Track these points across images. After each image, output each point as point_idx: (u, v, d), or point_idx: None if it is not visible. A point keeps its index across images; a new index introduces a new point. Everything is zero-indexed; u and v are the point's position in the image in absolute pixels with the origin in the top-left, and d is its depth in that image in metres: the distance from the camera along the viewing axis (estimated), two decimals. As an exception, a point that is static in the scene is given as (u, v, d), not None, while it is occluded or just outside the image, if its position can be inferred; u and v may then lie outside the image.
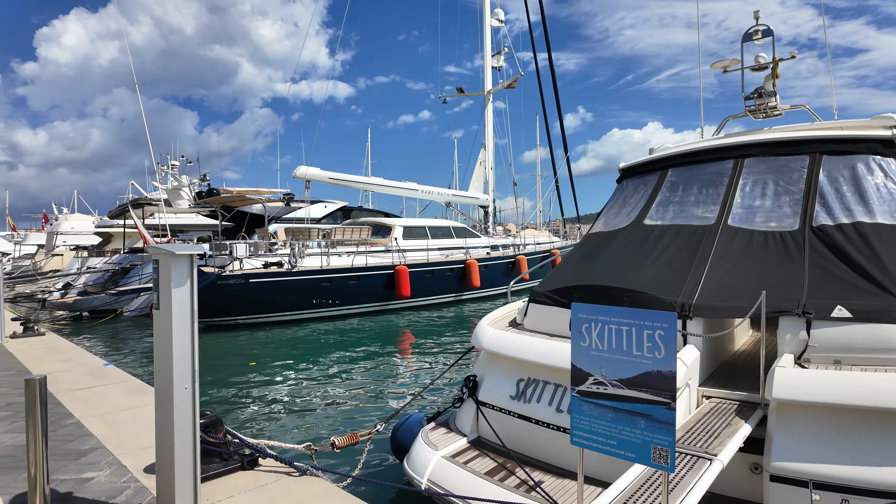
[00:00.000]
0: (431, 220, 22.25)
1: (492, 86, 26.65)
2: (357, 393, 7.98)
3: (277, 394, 8.11)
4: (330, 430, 6.36)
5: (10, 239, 51.65)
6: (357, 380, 8.88)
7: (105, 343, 13.27)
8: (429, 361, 10.18)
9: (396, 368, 9.64)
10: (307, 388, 8.39)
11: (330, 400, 7.69)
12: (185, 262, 2.64)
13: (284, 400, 7.79)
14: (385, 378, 8.96)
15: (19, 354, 7.89)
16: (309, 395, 7.95)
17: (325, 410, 7.22)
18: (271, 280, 15.86)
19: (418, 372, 9.29)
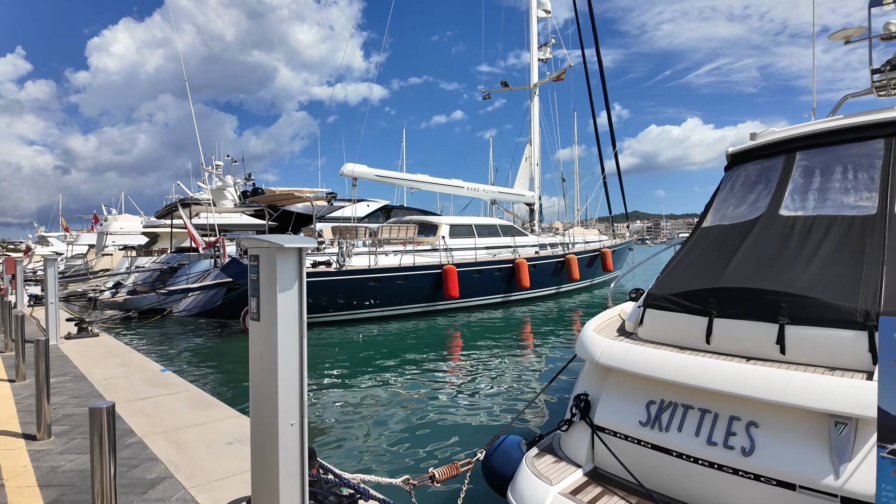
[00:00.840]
0: (478, 219, 21.53)
1: (538, 79, 25.76)
2: (433, 406, 7.34)
3: (345, 409, 7.55)
4: (413, 453, 5.71)
5: (63, 239, 53.61)
6: (428, 390, 8.24)
7: (156, 344, 13.08)
8: (499, 369, 9.45)
9: (467, 377, 8.96)
10: (377, 401, 7.80)
11: (405, 415, 7.06)
12: (292, 258, 2.01)
13: (354, 416, 7.22)
14: (459, 388, 8.29)
15: (74, 357, 7.57)
16: (381, 410, 7.34)
17: (403, 428, 6.57)
18: (320, 280, 15.46)
19: (493, 381, 8.59)
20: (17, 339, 6.05)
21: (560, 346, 11.32)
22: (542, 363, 9.74)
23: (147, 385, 5.82)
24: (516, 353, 10.69)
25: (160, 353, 11.64)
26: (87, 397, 5.34)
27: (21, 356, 6.03)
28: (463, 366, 9.73)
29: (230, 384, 8.53)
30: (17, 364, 6.07)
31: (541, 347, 11.38)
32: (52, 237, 59.37)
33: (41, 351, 4.08)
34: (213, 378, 9.04)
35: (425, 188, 21.30)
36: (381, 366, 9.89)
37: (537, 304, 19.92)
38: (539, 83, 25.60)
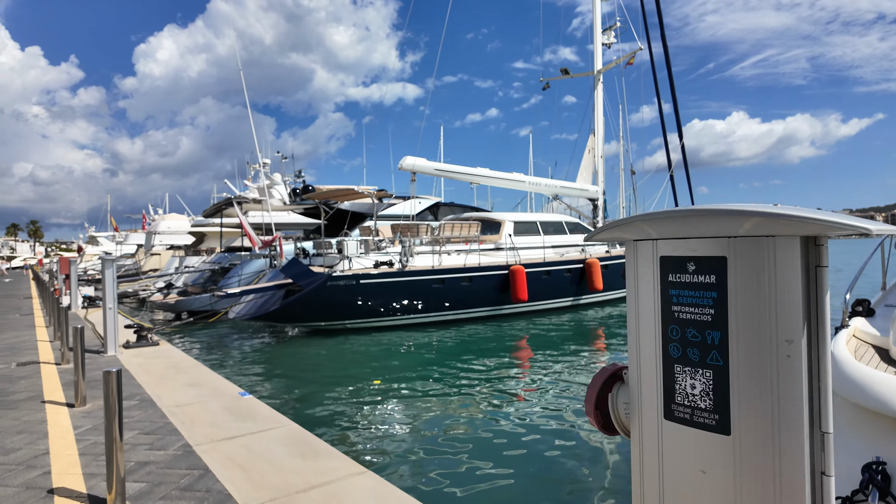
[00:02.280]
0: (543, 215, 20.07)
1: (601, 64, 24.06)
2: (515, 426, 6.02)
3: (427, 432, 6.30)
4: (490, 484, 4.41)
5: (112, 239, 54.70)
6: (523, 412, 6.91)
7: (217, 352, 12.18)
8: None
9: (547, 393, 7.59)
10: (461, 424, 6.53)
11: (481, 434, 5.76)
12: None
13: (439, 441, 5.95)
14: (542, 407, 6.94)
15: (137, 372, 6.56)
16: (470, 437, 6.06)
17: (472, 450, 5.32)
18: (382, 281, 14.34)
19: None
20: (76, 353, 5.01)
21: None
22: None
23: (228, 415, 4.68)
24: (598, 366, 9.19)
25: (216, 361, 10.68)
26: (161, 434, 4.22)
27: (81, 372, 5.00)
28: (540, 379, 8.33)
29: (302, 400, 7.39)
30: (77, 383, 5.03)
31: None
32: (102, 237, 60.83)
33: (112, 387, 2.93)
34: (279, 391, 7.95)
35: (485, 182, 19.98)
36: (450, 380, 8.60)
37: (607, 308, 18.31)
38: (604, 69, 23.90)
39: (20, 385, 6.04)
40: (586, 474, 4.96)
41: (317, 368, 10.21)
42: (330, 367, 10.31)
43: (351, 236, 23.08)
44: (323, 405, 7.41)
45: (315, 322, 14.12)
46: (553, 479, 4.88)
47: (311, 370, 10.04)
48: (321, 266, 14.73)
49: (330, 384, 8.70)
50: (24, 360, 7.64)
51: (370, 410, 7.10)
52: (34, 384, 6.08)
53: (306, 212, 25.48)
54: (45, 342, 9.27)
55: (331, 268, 14.20)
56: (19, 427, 4.49)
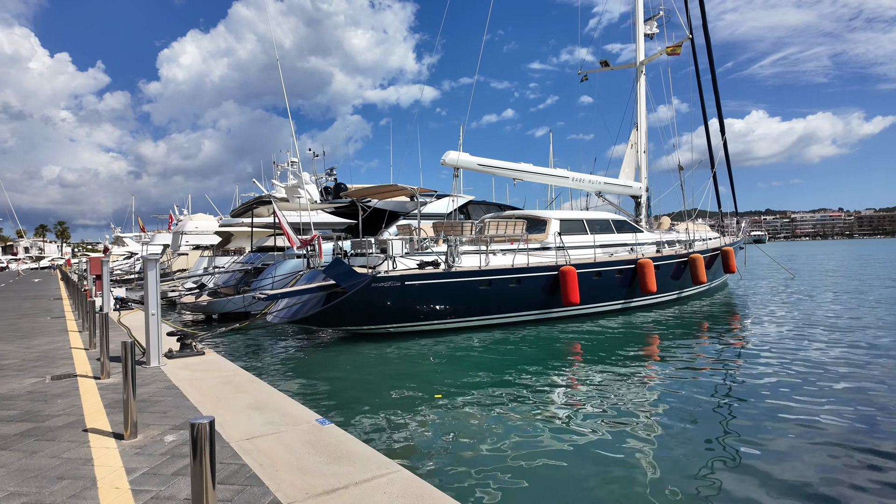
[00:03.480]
0: (589, 213, 18.95)
1: (644, 55, 22.86)
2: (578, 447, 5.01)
3: (508, 456, 5.33)
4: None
5: (138, 240, 54.84)
6: (616, 436, 5.88)
7: (253, 358, 11.36)
8: (656, 401, 6.94)
9: (606, 408, 6.53)
10: (541, 446, 5.53)
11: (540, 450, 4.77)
12: None
13: (524, 466, 4.97)
14: (612, 430, 5.89)
15: (187, 389, 5.71)
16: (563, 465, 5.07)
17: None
18: (428, 282, 13.42)
19: (651, 421, 6.13)
20: (126, 376, 4.15)
21: (721, 372, 8.63)
22: (714, 394, 7.13)
23: (316, 454, 3.76)
24: (673, 379, 8.04)
25: (255, 370, 9.85)
26: (239, 483, 3.32)
27: (131, 393, 4.14)
28: (599, 387, 7.27)
29: (358, 413, 6.46)
30: (127, 411, 4.17)
31: (706, 374, 8.69)
32: (128, 237, 61.16)
33: (202, 444, 2.02)
34: (331, 405, 7.04)
35: (529, 178, 18.95)
36: (519, 392, 7.58)
37: (655, 311, 17.12)
38: (647, 60, 22.71)
39: (57, 406, 5.22)
40: (642, 487, 4.00)
41: (365, 377, 9.31)
42: (378, 375, 9.40)
43: (387, 235, 22.24)
44: (384, 421, 6.49)
45: (358, 326, 13.26)
46: (606, 493, 3.90)
47: (360, 379, 9.15)
48: (361, 266, 13.87)
49: (383, 395, 7.78)
50: (59, 371, 6.86)
51: (436, 426, 6.16)
52: (73, 404, 5.26)
53: (337, 211, 24.69)
54: (80, 350, 8.52)
55: (373, 268, 13.33)
56: (59, 469, 3.63)
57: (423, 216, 24.00)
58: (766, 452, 5.44)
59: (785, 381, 8.17)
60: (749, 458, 5.28)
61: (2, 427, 4.59)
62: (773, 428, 6.15)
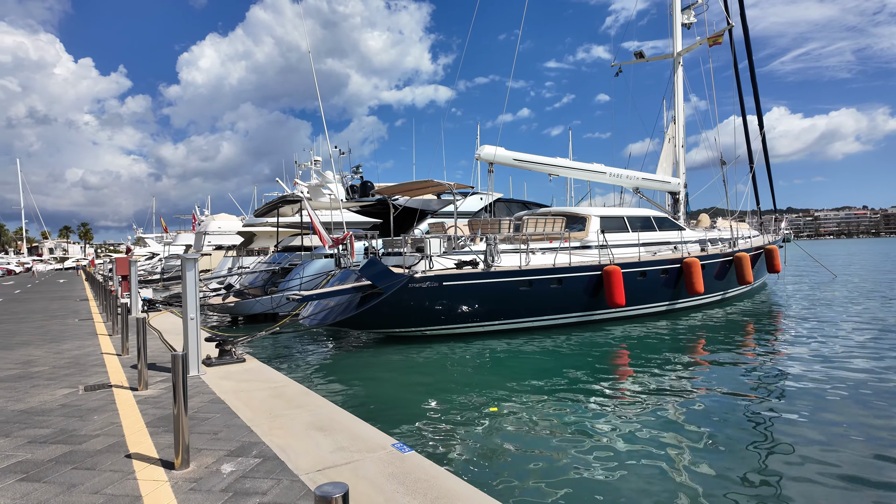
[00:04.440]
0: (629, 210, 18.11)
1: (681, 46, 21.91)
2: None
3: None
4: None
5: (160, 240, 55.10)
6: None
7: (286, 362, 10.79)
8: (714, 413, 6.12)
9: (660, 423, 5.75)
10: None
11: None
12: None
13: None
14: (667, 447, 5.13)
15: (236, 405, 5.10)
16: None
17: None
18: (467, 283, 12.75)
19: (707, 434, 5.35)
20: (179, 397, 3.54)
21: (778, 379, 7.74)
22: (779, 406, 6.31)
23: (410, 496, 3.10)
24: (726, 389, 7.17)
25: (291, 376, 9.26)
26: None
27: (183, 411, 3.53)
28: (653, 395, 6.46)
29: (405, 421, 5.79)
30: (180, 436, 3.55)
31: (766, 381, 7.81)
32: (149, 238, 61.56)
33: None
34: (375, 412, 6.39)
35: (565, 174, 18.16)
36: (562, 390, 6.83)
37: (701, 312, 16.22)
38: (685, 50, 21.75)
39: (94, 423, 4.65)
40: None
41: (408, 384, 8.67)
42: (421, 382, 8.74)
43: (414, 234, 21.63)
44: (443, 440, 5.83)
45: (394, 329, 12.65)
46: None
47: (403, 387, 8.50)
48: (396, 266, 13.24)
49: (434, 407, 7.11)
50: (92, 381, 6.33)
51: (503, 447, 5.47)
52: (111, 422, 4.68)
53: (362, 210, 24.16)
54: (112, 355, 8.01)
55: (409, 268, 12.69)
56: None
57: (449, 215, 23.37)
58: (815, 465, 5.04)
59: (837, 392, 7.44)
60: (796, 472, 4.67)
61: (37, 450, 4.02)
62: (821, 440, 5.67)
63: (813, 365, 9.13)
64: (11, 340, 9.85)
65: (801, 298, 19.12)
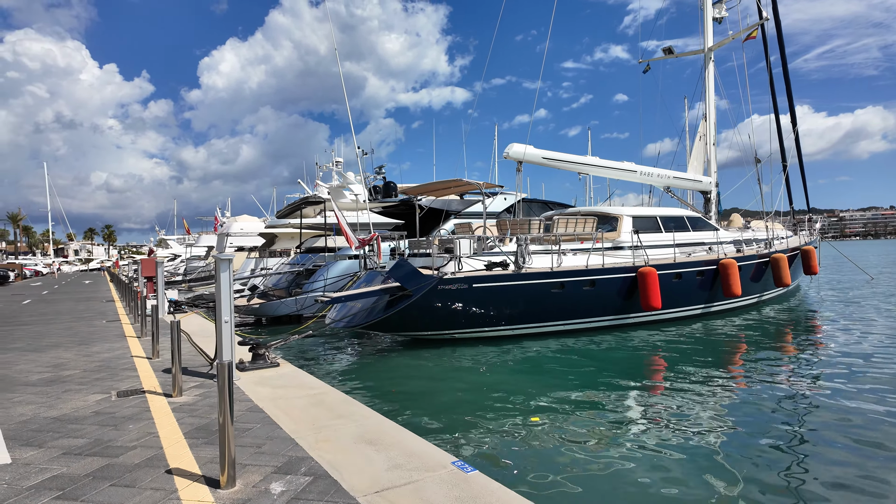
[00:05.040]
0: (662, 209, 17.57)
1: (712, 41, 21.27)
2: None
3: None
4: None
5: (182, 242, 55.68)
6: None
7: (319, 369, 10.54)
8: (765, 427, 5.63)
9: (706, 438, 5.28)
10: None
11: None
12: None
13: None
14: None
15: (276, 414, 4.82)
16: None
17: None
18: (497, 284, 12.38)
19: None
20: (225, 405, 3.25)
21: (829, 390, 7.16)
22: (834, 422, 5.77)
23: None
24: (779, 400, 6.66)
25: (342, 384, 8.98)
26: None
27: (229, 422, 3.23)
28: (695, 404, 5.95)
29: (446, 430, 5.43)
30: (225, 448, 3.26)
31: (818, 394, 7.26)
32: (171, 240, 62.29)
33: None
34: (411, 421, 6.04)
35: (594, 173, 17.70)
36: (605, 399, 6.41)
37: (738, 316, 15.61)
38: (717, 45, 21.10)
39: (129, 433, 4.40)
40: None
41: (442, 390, 8.35)
42: (455, 388, 8.40)
43: (441, 235, 21.34)
44: (490, 453, 5.48)
45: (422, 332, 12.34)
46: None
47: (438, 393, 8.17)
48: (423, 267, 12.92)
49: (472, 416, 6.76)
50: (124, 386, 6.12)
51: (537, 450, 5.09)
52: (147, 431, 4.43)
53: (384, 210, 23.94)
54: (143, 359, 7.83)
55: (438, 270, 12.37)
56: (150, 534, 2.74)
57: (475, 215, 23.02)
58: (853, 480, 4.64)
59: (883, 405, 6.86)
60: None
61: (72, 463, 3.77)
62: (861, 458, 5.22)
63: (848, 375, 8.55)
64: (41, 342, 9.76)
65: (841, 302, 18.34)
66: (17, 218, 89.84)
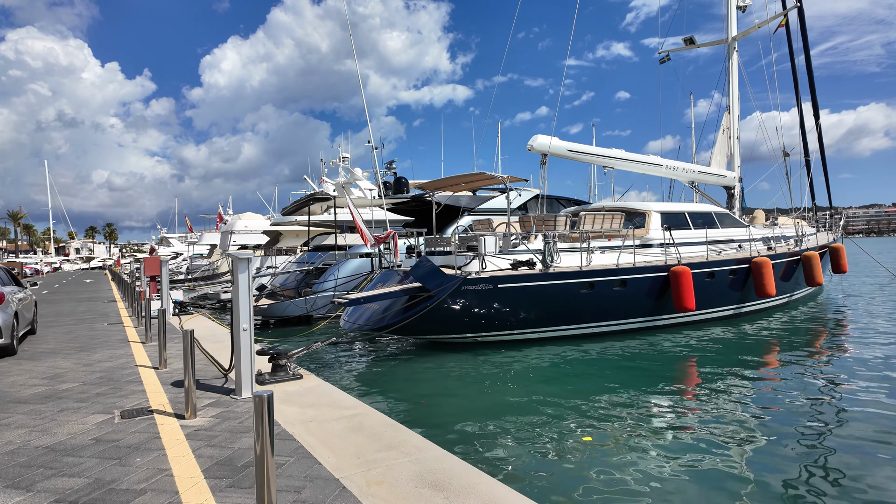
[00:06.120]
0: (690, 205, 16.79)
1: (736, 30, 20.43)
2: None
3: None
4: None
5: (184, 240, 54.93)
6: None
7: (333, 376, 9.77)
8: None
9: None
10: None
11: None
12: None
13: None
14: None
15: (311, 443, 4.05)
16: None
17: None
18: (524, 285, 11.61)
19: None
20: (264, 446, 2.48)
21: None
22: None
23: None
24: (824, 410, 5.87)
25: (331, 381, 8.21)
26: None
27: (270, 463, 2.46)
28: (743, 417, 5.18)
29: (509, 469, 4.67)
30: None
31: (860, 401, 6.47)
32: (173, 238, 61.53)
33: None
34: (445, 437, 5.28)
35: (620, 166, 16.91)
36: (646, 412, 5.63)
37: (768, 317, 14.83)
38: (741, 35, 20.26)
39: (137, 470, 3.64)
40: None
41: (473, 399, 7.59)
42: (488, 399, 7.64)
43: (448, 233, 20.56)
44: (533, 471, 4.72)
45: (443, 335, 11.58)
46: None
47: (469, 404, 7.41)
48: (441, 266, 12.15)
49: (515, 434, 5.99)
50: (129, 404, 5.36)
51: (593, 476, 4.33)
52: (158, 468, 3.66)
53: (395, 207, 23.14)
54: (148, 369, 7.07)
55: (460, 269, 11.61)
56: None
57: (486, 212, 22.23)
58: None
59: None
60: None
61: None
62: None
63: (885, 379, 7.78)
64: (38, 348, 9.01)
65: (867, 302, 17.55)
66: (18, 216, 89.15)
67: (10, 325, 8.22)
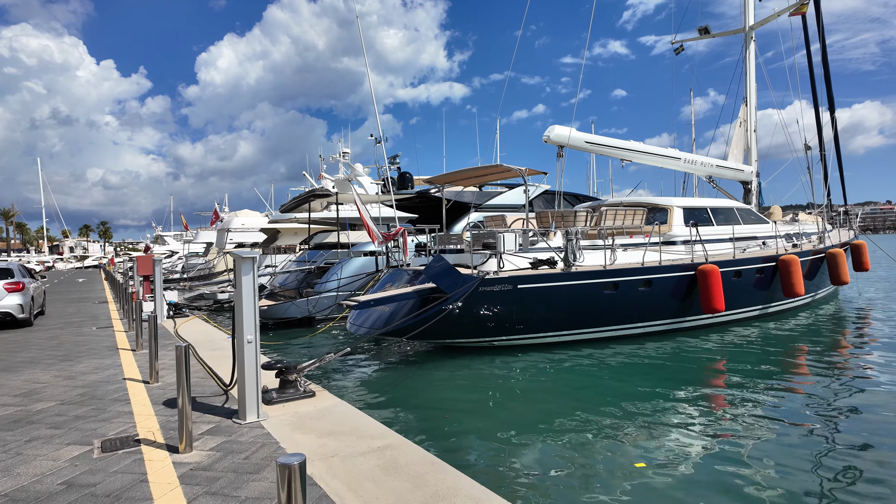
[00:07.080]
0: (712, 200, 16.00)
1: (754, 19, 19.66)
2: None
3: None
4: None
5: (179, 238, 53.92)
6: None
7: (336, 383, 8.94)
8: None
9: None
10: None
11: None
12: None
13: None
14: None
15: (335, 488, 3.23)
16: None
17: None
18: (545, 285, 10.81)
19: None
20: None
21: None
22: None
23: None
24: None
25: (340, 394, 7.39)
26: None
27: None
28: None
29: (515, 469, 3.88)
30: None
31: None
32: (168, 236, 60.49)
33: None
34: (470, 453, 4.50)
35: (638, 159, 16.11)
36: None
37: (794, 318, 14.10)
38: (759, 24, 19.48)
39: (116, 531, 2.80)
40: None
41: (499, 412, 6.81)
42: (518, 412, 6.86)
43: (457, 230, 19.77)
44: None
45: (457, 339, 10.78)
46: None
47: (495, 418, 6.62)
48: (457, 265, 11.33)
49: (559, 452, 5.21)
50: (112, 429, 4.52)
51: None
52: (144, 527, 2.83)
53: (398, 204, 22.30)
54: (138, 383, 6.23)
55: (476, 268, 10.80)
56: None
57: (496, 208, 21.42)
58: None
59: None
60: None
61: None
62: None
63: None
64: (16, 357, 8.14)
65: (893, 301, 16.85)
66: (10, 214, 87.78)
67: (28, 305, 11.86)
